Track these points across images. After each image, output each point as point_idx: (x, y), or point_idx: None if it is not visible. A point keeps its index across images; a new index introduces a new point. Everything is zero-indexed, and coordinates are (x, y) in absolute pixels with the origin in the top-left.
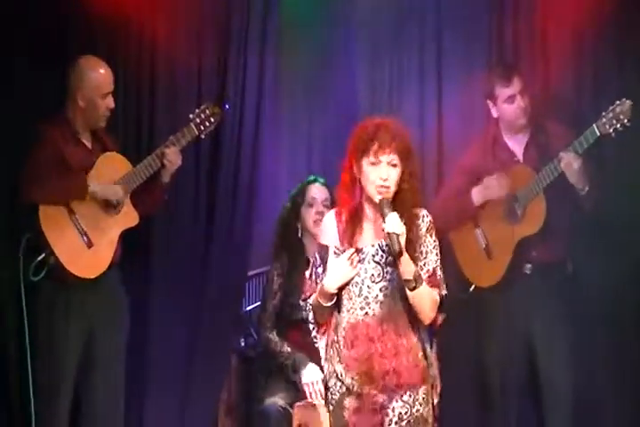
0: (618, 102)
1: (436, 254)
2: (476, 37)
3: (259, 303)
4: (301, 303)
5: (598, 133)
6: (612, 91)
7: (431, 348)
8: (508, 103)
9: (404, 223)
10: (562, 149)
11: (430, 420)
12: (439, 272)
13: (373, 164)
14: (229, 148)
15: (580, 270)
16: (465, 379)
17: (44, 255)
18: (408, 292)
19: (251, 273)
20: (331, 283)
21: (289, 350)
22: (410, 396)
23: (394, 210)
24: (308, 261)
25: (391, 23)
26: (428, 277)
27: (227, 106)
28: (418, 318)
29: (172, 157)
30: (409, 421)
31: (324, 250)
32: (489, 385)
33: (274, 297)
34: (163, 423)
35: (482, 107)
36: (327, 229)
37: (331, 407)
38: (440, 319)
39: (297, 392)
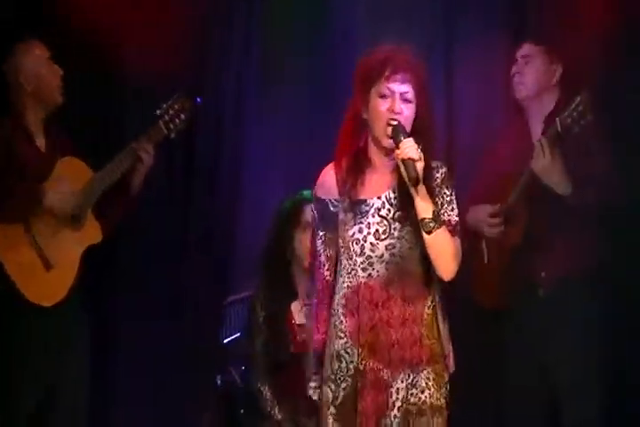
0: (579, 95)
1: (453, 208)
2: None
3: (238, 335)
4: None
5: (559, 128)
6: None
7: (444, 320)
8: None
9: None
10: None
11: (445, 408)
12: (457, 225)
13: (384, 96)
14: (206, 149)
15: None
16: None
17: None
18: (425, 236)
19: (231, 299)
20: None
21: (279, 417)
22: (409, 376)
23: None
24: (295, 292)
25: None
26: (446, 227)
27: (198, 99)
28: (431, 283)
29: (144, 155)
30: (408, 409)
31: (321, 205)
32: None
33: (260, 334)
34: None
35: (494, 91)
36: (325, 181)
37: (341, 393)
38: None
39: None
